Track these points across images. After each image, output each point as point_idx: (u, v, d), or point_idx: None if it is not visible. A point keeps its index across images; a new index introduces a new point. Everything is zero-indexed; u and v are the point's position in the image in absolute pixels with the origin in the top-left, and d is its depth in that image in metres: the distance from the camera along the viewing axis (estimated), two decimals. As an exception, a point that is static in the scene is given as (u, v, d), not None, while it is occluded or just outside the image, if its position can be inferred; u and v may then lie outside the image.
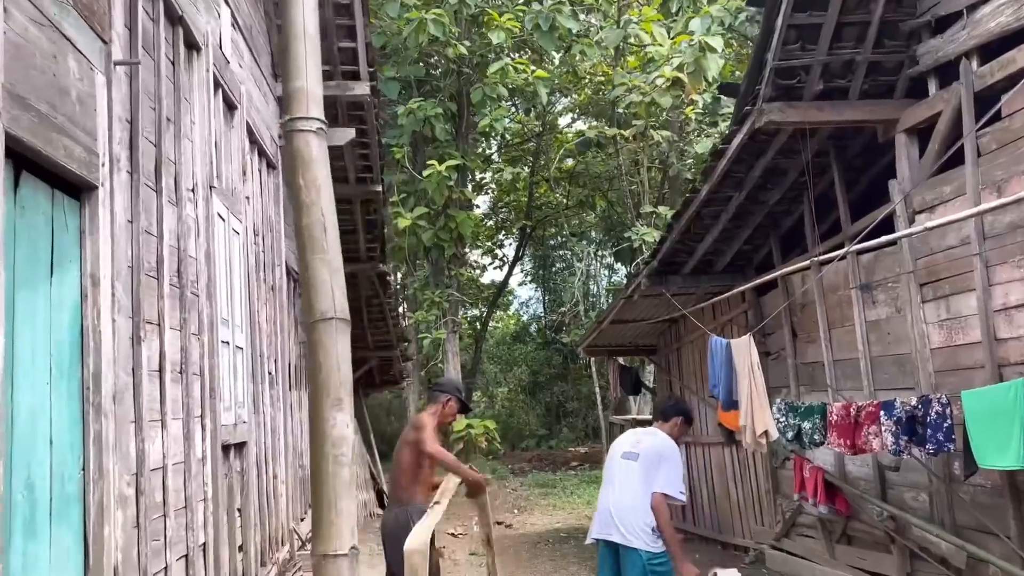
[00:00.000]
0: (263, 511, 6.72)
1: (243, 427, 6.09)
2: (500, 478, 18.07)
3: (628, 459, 4.68)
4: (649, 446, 4.67)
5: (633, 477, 4.57)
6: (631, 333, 10.43)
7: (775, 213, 7.28)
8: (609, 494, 4.65)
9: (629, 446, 4.75)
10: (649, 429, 4.91)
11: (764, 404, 5.63)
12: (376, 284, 11.97)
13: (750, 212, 7.19)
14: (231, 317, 5.89)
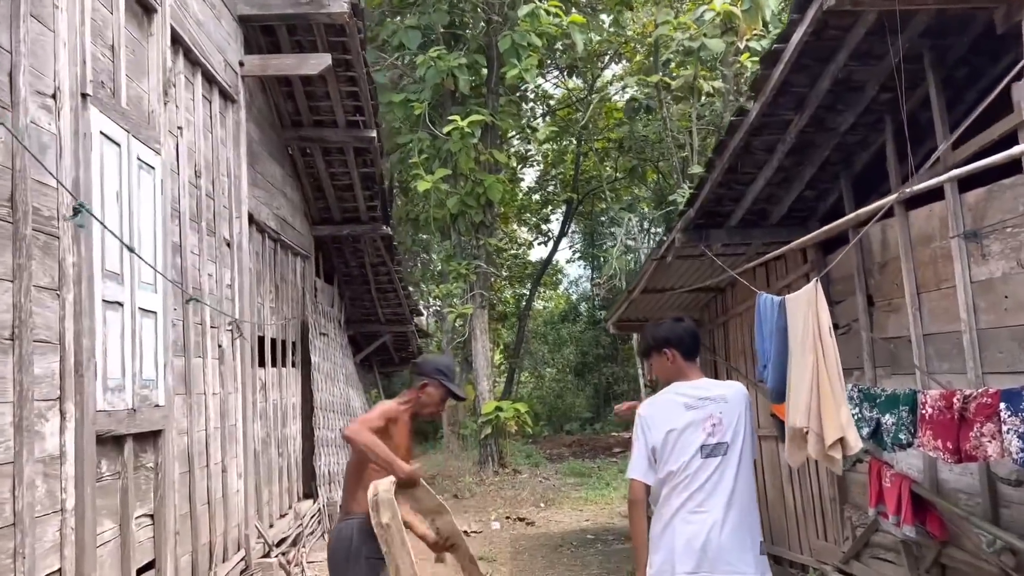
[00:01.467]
0: (196, 515, 5.42)
1: (153, 412, 4.77)
2: (534, 465, 16.71)
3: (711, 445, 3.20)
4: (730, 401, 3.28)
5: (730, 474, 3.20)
6: (668, 305, 8.88)
7: (847, 145, 5.66)
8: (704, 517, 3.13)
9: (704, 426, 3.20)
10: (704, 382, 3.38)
11: (838, 395, 3.82)
12: (382, 249, 10.61)
13: (814, 143, 5.59)
14: (131, 272, 4.56)
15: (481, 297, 15.15)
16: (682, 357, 3.37)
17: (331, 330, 10.53)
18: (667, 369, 3.39)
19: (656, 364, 3.46)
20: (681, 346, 3.37)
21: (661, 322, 3.51)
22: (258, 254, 7.69)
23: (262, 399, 7.68)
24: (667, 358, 3.37)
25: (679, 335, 3.39)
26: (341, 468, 10.10)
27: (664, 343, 3.38)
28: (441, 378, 4.02)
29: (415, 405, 4.00)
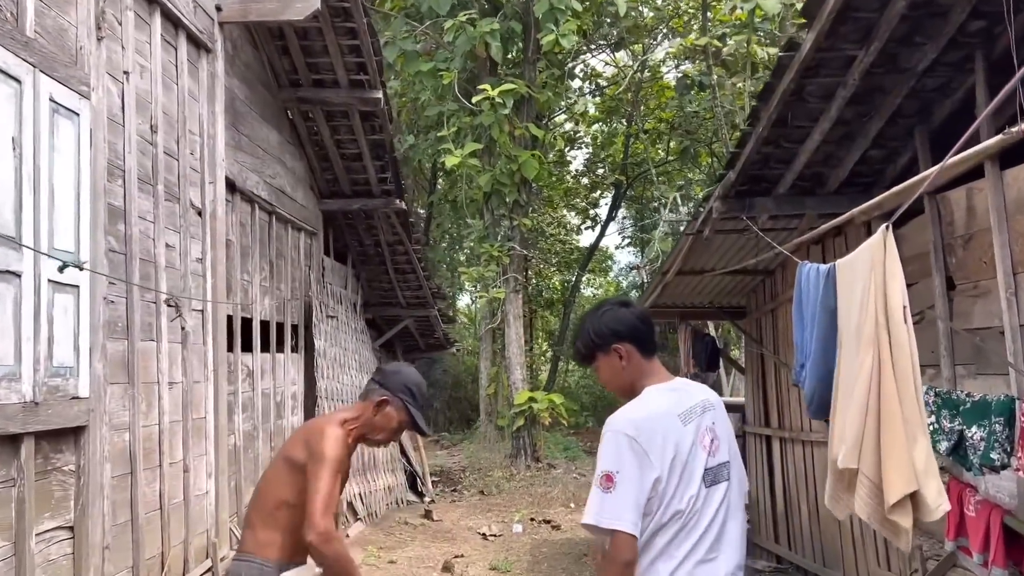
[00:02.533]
0: (138, 525, 4.64)
1: (69, 406, 3.99)
2: (571, 459, 15.80)
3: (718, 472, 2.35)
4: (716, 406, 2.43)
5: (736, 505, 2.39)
6: (709, 289, 7.87)
7: (925, 91, 4.59)
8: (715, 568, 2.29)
9: (703, 443, 2.32)
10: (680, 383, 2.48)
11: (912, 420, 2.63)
12: (397, 226, 9.77)
13: (883, 88, 4.54)
14: (34, 236, 3.77)
15: (515, 281, 14.23)
16: (639, 353, 2.42)
17: (341, 313, 9.75)
18: (620, 373, 2.44)
19: (604, 368, 2.48)
20: (636, 338, 2.42)
21: (600, 309, 2.52)
22: (244, 226, 6.91)
23: (248, 388, 6.92)
24: (619, 356, 2.42)
25: (631, 324, 2.44)
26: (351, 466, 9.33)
27: (612, 336, 2.42)
28: (407, 399, 2.91)
29: (363, 427, 2.88)
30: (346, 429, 2.85)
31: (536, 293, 27.57)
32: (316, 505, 2.52)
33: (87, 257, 4.20)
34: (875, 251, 2.93)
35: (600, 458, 2.24)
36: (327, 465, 2.61)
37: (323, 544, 2.49)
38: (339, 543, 2.52)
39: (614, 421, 2.29)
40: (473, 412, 21.93)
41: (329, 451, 2.65)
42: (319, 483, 2.56)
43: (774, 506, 7.35)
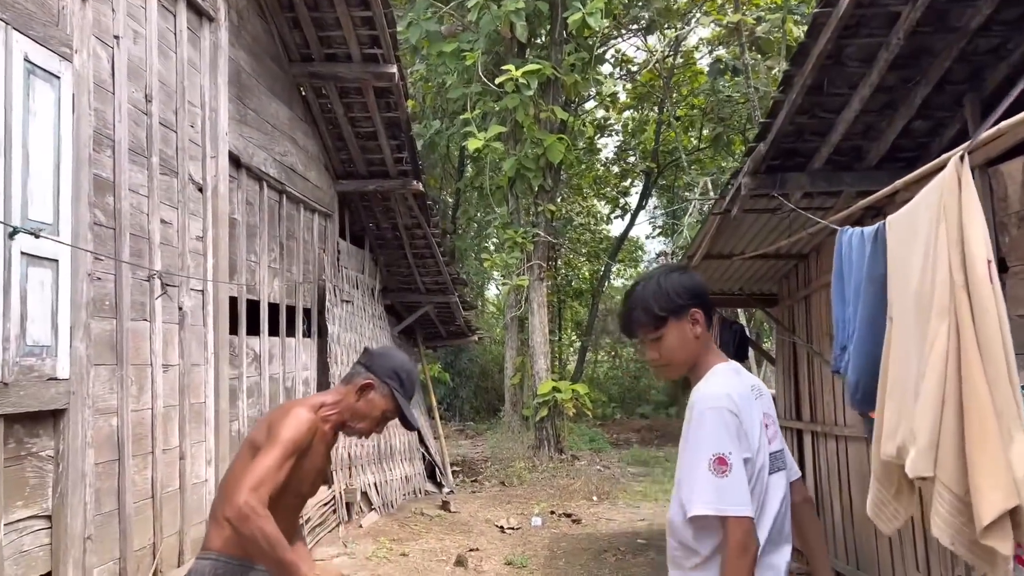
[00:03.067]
0: (126, 515, 4.40)
1: (45, 387, 3.75)
2: (595, 450, 15.46)
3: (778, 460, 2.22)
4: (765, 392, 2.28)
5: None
6: (738, 275, 7.47)
7: (977, 54, 4.17)
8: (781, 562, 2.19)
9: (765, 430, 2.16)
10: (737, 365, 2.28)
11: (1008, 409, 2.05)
12: (415, 209, 9.47)
13: (930, 50, 4.13)
14: (3, 206, 3.52)
15: (539, 268, 13.89)
16: (707, 323, 2.20)
17: (357, 297, 9.49)
18: (691, 344, 2.19)
19: (674, 335, 2.19)
20: (707, 305, 2.21)
21: (666, 272, 2.26)
22: (252, 205, 6.65)
23: (254, 372, 6.68)
24: (693, 325, 2.18)
25: (702, 288, 2.22)
26: (366, 450, 9.10)
27: (691, 299, 2.17)
28: (395, 386, 2.60)
29: (344, 412, 2.59)
30: (321, 414, 2.55)
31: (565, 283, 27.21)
32: (245, 480, 2.24)
33: (67, 230, 3.96)
34: (946, 191, 2.34)
35: (702, 439, 2.02)
36: (278, 445, 2.33)
37: (239, 522, 2.19)
38: (262, 521, 2.18)
39: (711, 396, 2.07)
40: (499, 402, 21.66)
41: (285, 432, 2.37)
42: (260, 460, 2.30)
43: (805, 504, 6.96)
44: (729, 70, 15.71)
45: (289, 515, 2.51)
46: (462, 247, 21.61)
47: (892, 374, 2.42)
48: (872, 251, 2.78)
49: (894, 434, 2.34)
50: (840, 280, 3.08)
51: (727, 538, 1.98)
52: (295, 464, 2.38)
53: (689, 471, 2.03)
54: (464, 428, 20.58)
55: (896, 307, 2.51)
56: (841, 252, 3.09)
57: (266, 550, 2.19)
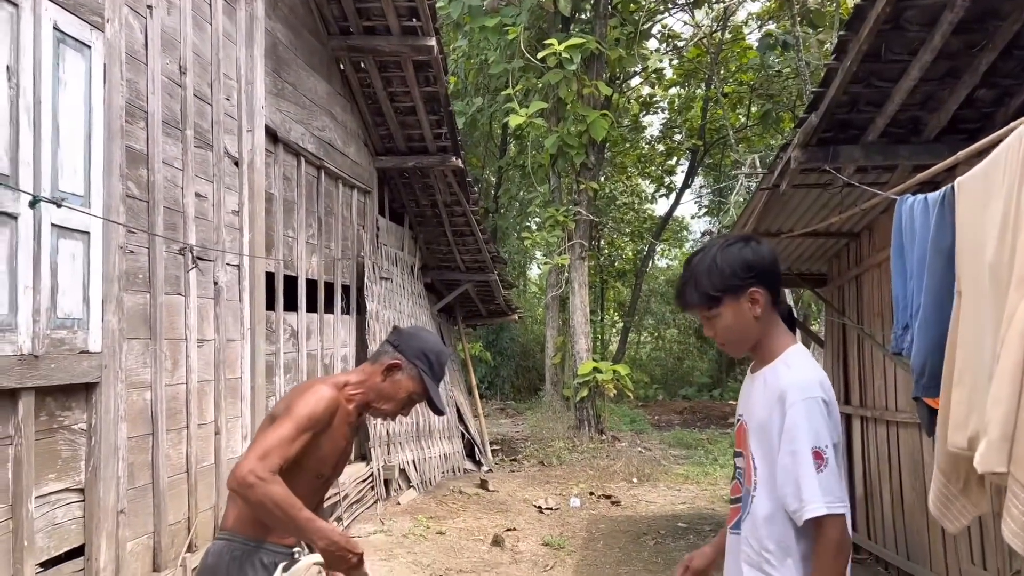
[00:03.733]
0: (160, 489, 4.40)
1: (76, 360, 3.72)
2: (637, 432, 15.30)
3: None
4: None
5: None
6: (786, 254, 7.22)
7: (1050, 16, 3.89)
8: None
9: None
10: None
11: None
12: (455, 186, 9.36)
13: (997, 13, 3.85)
14: (34, 176, 3.48)
15: (581, 247, 13.71)
16: (772, 301, 2.02)
17: (396, 275, 9.43)
18: (751, 325, 2.01)
19: (731, 315, 2.02)
20: (771, 283, 2.02)
21: (728, 243, 2.06)
22: (289, 180, 6.59)
23: (291, 348, 6.65)
24: (752, 304, 2.00)
25: (771, 263, 2.02)
26: (405, 428, 9.07)
27: (752, 277, 1.98)
28: (422, 368, 2.46)
29: (369, 393, 2.46)
30: (345, 393, 2.44)
31: (608, 263, 26.95)
32: (253, 449, 2.15)
33: (99, 202, 3.92)
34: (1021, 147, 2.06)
35: (801, 432, 1.87)
36: (292, 419, 2.23)
37: (244, 490, 2.09)
38: (267, 486, 2.08)
39: (805, 386, 1.90)
40: (540, 381, 21.60)
41: (302, 407, 2.26)
42: (272, 432, 2.20)
43: (852, 491, 6.73)
44: (779, 45, 15.28)
45: (311, 496, 2.39)
46: (504, 226, 21.49)
47: (961, 356, 2.18)
48: (938, 219, 2.52)
49: (964, 423, 2.12)
50: (900, 254, 2.84)
51: (822, 536, 1.85)
52: (313, 442, 2.28)
53: (789, 467, 1.89)
54: (504, 407, 20.57)
55: (966, 280, 2.26)
56: (901, 223, 2.85)
57: (278, 514, 2.10)
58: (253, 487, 2.07)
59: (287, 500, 2.10)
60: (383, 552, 6.65)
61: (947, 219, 2.44)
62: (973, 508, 2.24)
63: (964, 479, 2.21)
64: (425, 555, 6.67)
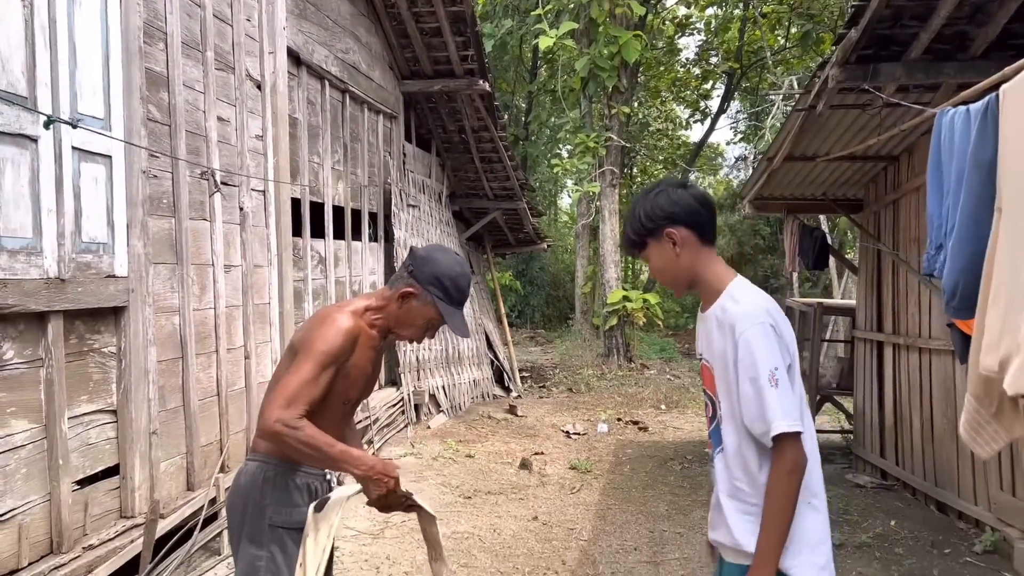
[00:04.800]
0: (191, 412, 4.48)
1: (103, 284, 3.75)
2: (667, 359, 15.32)
3: None
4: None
5: None
6: (821, 179, 7.03)
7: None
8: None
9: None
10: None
11: None
12: (482, 110, 9.19)
13: (1057, -85, 3.61)
14: (52, 98, 3.45)
15: (612, 174, 13.50)
16: (699, 240, 2.08)
17: (424, 202, 9.37)
18: (674, 262, 2.10)
19: (656, 255, 2.13)
20: (696, 223, 2.08)
21: (654, 190, 2.15)
22: (313, 104, 6.51)
23: (319, 275, 6.67)
24: (673, 243, 2.08)
25: (688, 205, 2.08)
26: (434, 354, 9.15)
27: (665, 219, 2.08)
28: (437, 295, 2.40)
29: (388, 319, 2.42)
30: (367, 319, 2.40)
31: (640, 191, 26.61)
32: (276, 395, 2.14)
33: (120, 125, 3.88)
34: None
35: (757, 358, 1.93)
36: (312, 356, 2.20)
37: (273, 439, 2.12)
38: (296, 433, 2.10)
39: (751, 314, 1.97)
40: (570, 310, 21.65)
41: (320, 344, 2.22)
42: (294, 374, 2.17)
43: (882, 418, 6.68)
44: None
45: (338, 421, 2.40)
46: (534, 154, 21.20)
47: (998, 275, 2.07)
48: (980, 130, 2.38)
49: (997, 345, 2.03)
50: (938, 170, 2.70)
51: (777, 454, 1.90)
52: (338, 373, 2.27)
53: (750, 394, 1.93)
54: (534, 336, 20.67)
55: (1008, 195, 2.14)
56: (940, 137, 2.70)
57: (312, 454, 2.14)
58: (282, 435, 2.10)
59: (318, 441, 2.12)
60: (413, 474, 6.77)
61: (989, 130, 2.31)
62: (1006, 433, 2.17)
63: (997, 403, 2.14)
64: (454, 477, 6.78)
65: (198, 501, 4.41)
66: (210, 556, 4.51)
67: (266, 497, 2.29)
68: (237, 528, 2.34)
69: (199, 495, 4.46)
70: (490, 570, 4.66)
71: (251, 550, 2.28)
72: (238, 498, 2.35)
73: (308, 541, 2.20)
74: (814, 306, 7.80)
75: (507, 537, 5.26)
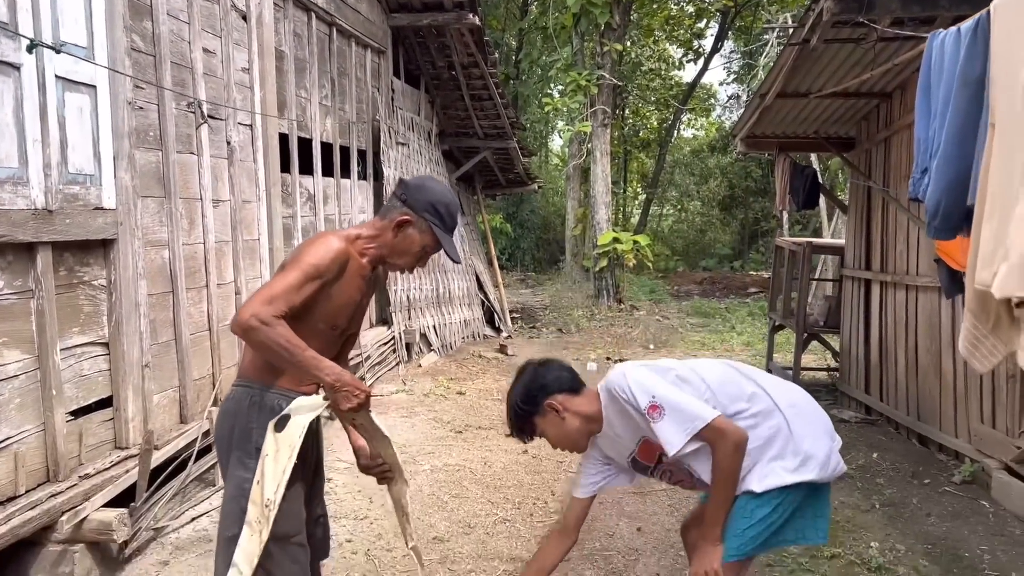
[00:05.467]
0: (183, 346, 4.50)
1: (91, 216, 3.73)
2: (657, 301, 15.40)
3: None
4: None
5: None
6: (814, 116, 6.99)
7: None
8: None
9: None
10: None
11: None
12: (472, 46, 9.04)
13: None
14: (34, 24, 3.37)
15: (603, 114, 13.37)
16: (573, 395, 2.49)
17: (413, 140, 9.27)
18: (566, 427, 2.48)
19: (549, 428, 2.50)
20: (563, 382, 2.50)
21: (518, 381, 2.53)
22: (300, 37, 6.39)
23: (308, 212, 6.64)
24: (556, 413, 2.47)
25: (554, 376, 2.50)
26: (425, 294, 9.17)
27: (541, 393, 2.47)
28: (433, 220, 2.43)
29: (382, 248, 2.44)
30: (358, 248, 2.41)
31: (632, 132, 26.36)
32: (256, 295, 2.16)
33: (103, 54, 3.81)
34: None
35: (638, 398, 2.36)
36: (298, 266, 2.22)
37: (245, 333, 2.11)
38: (269, 329, 2.09)
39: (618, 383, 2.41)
40: (561, 253, 21.65)
41: (308, 255, 2.24)
42: (278, 279, 2.20)
43: (867, 355, 6.78)
44: None
45: (327, 348, 2.38)
46: (524, 93, 20.93)
47: (992, 190, 2.06)
48: (969, 48, 2.37)
49: (991, 259, 2.05)
50: (926, 94, 2.67)
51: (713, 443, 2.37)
52: (323, 292, 2.28)
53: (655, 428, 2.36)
54: (525, 278, 20.71)
55: (1000, 109, 2.13)
56: (931, 59, 2.66)
57: (283, 354, 2.12)
58: (256, 330, 2.09)
59: (291, 341, 2.12)
60: (404, 409, 6.86)
61: (979, 47, 2.28)
62: (1003, 346, 2.22)
63: (994, 318, 2.18)
64: (445, 413, 6.86)
65: (192, 433, 4.46)
66: (205, 487, 4.59)
67: (252, 420, 2.33)
68: (225, 452, 2.38)
69: (192, 427, 4.51)
70: (481, 500, 4.76)
71: (239, 472, 2.33)
72: (225, 422, 2.39)
73: (267, 460, 2.23)
74: (803, 245, 7.83)
75: (498, 470, 5.36)
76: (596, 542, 4.12)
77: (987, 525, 4.29)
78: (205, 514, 4.32)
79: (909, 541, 4.07)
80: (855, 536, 4.13)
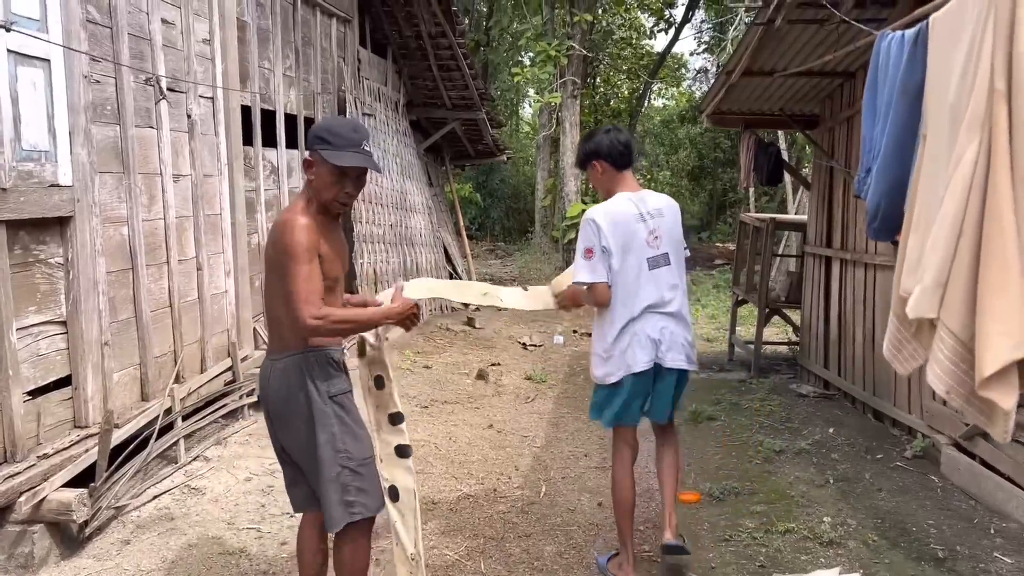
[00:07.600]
0: (143, 323, 4.46)
1: (47, 194, 3.67)
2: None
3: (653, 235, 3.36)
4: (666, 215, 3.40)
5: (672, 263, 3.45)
6: (779, 94, 7.03)
7: None
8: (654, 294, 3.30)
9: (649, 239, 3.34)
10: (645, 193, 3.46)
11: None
12: (439, 15, 8.94)
13: None
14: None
15: (573, 85, 13.32)
16: (613, 168, 3.39)
17: (380, 111, 9.18)
18: (600, 181, 3.46)
19: (590, 176, 3.52)
20: (611, 157, 3.39)
21: (592, 133, 3.47)
22: (262, 7, 6.28)
23: (272, 185, 6.57)
24: (597, 170, 3.42)
25: (608, 146, 3.38)
26: (391, 267, 9.15)
27: (593, 155, 3.42)
28: (320, 147, 2.55)
29: (312, 195, 2.61)
30: (310, 212, 2.60)
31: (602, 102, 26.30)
32: (294, 302, 2.46)
33: (57, 28, 3.72)
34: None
35: (580, 239, 3.28)
36: (295, 258, 2.47)
37: (315, 334, 2.51)
38: (327, 320, 2.45)
39: (589, 212, 3.28)
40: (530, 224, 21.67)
41: (292, 244, 2.48)
42: (293, 281, 2.47)
43: (827, 330, 6.91)
44: None
45: (336, 299, 2.67)
46: (495, 61, 20.76)
47: (920, 200, 2.12)
48: (910, 57, 2.40)
49: (915, 269, 2.10)
50: (873, 93, 2.70)
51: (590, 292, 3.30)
52: (320, 262, 2.54)
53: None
54: (494, 248, 20.71)
55: (931, 122, 2.16)
56: (878, 60, 2.68)
57: (350, 328, 2.59)
58: (322, 327, 2.46)
59: (348, 315, 2.56)
60: (370, 384, 6.87)
61: (919, 57, 2.31)
62: (924, 351, 2.27)
63: (916, 324, 2.23)
64: (412, 387, 6.90)
65: (153, 411, 4.44)
66: (167, 464, 4.58)
67: (315, 380, 2.59)
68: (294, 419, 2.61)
69: (154, 405, 4.49)
70: (445, 476, 4.81)
71: (323, 433, 2.58)
72: (284, 393, 2.62)
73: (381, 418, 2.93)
74: (767, 221, 7.91)
75: (462, 444, 5.41)
76: (557, 517, 4.20)
77: (935, 500, 4.43)
78: (167, 492, 4.32)
79: (860, 516, 4.19)
80: (808, 511, 4.25)
